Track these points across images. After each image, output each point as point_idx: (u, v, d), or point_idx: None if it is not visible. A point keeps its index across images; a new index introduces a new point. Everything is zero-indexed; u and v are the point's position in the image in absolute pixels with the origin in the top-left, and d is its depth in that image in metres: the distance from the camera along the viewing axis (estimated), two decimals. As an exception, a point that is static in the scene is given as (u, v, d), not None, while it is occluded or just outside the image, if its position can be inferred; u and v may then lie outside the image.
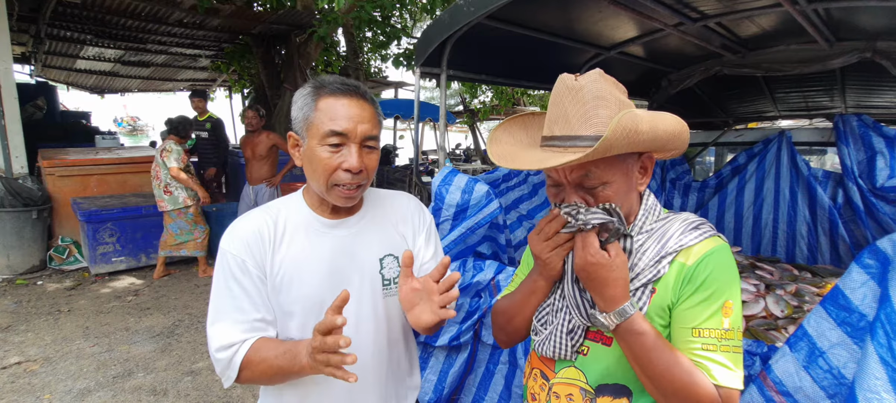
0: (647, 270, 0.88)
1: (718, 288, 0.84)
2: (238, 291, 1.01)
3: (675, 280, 0.87)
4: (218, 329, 1.00)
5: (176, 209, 4.80)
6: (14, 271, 4.89)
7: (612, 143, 0.79)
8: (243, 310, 1.00)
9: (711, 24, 2.44)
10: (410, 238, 1.18)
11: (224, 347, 0.98)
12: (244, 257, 1.01)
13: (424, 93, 15.47)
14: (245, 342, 0.99)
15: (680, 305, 0.86)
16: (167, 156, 4.64)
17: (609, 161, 0.87)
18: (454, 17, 2.12)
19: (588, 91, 0.86)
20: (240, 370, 0.99)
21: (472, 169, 10.83)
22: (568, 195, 0.91)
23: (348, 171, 0.99)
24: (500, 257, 2.16)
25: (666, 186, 3.62)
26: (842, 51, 2.46)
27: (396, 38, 6.96)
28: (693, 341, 0.84)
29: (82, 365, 3.22)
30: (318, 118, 0.99)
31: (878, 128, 2.58)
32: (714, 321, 0.83)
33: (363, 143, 1.01)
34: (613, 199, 0.88)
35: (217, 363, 0.99)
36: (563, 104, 0.89)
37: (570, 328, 0.95)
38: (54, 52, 8.29)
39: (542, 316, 1.02)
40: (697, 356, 0.83)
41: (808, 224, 2.94)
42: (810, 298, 2.12)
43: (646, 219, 0.95)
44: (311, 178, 1.04)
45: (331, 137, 0.98)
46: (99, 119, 13.08)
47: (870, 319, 1.06)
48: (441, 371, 1.94)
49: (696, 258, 0.86)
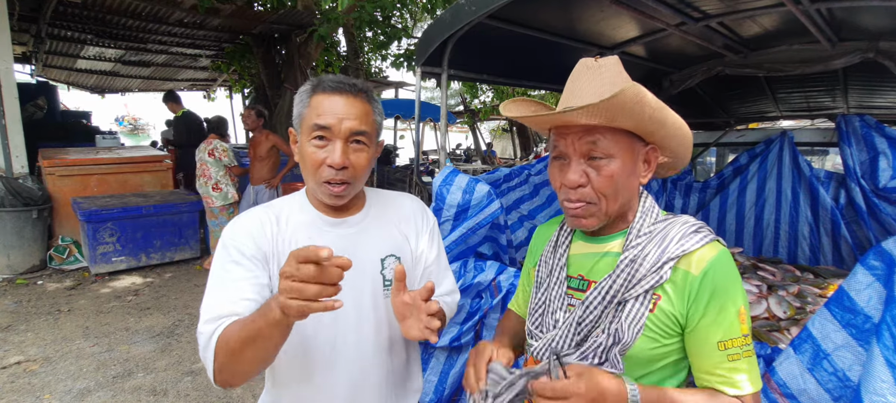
0: (649, 276, 0.87)
1: (730, 297, 0.85)
2: (233, 270, 0.97)
3: (680, 288, 0.87)
4: (205, 306, 0.94)
5: (224, 205, 4.95)
6: (14, 271, 4.89)
7: (624, 100, 0.80)
8: (236, 289, 0.95)
9: (713, 24, 2.43)
10: (413, 239, 1.17)
11: (210, 320, 0.91)
12: (244, 241, 1.00)
13: (425, 94, 15.48)
14: (229, 317, 0.91)
15: (698, 324, 0.86)
16: (224, 154, 4.91)
17: (617, 136, 0.88)
18: (455, 16, 2.11)
19: (606, 70, 0.89)
20: (216, 351, 0.88)
21: (472, 169, 10.82)
22: (572, 169, 0.90)
23: (331, 167, 0.99)
24: (502, 258, 2.15)
25: (667, 187, 3.61)
26: (844, 51, 2.45)
27: (397, 38, 6.96)
28: (719, 354, 0.84)
29: (82, 365, 3.21)
30: (307, 114, 1.01)
31: (880, 128, 2.57)
32: (734, 329, 0.84)
33: (349, 140, 1.00)
34: (617, 177, 0.88)
35: (200, 339, 0.91)
36: (580, 81, 0.91)
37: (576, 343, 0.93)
38: (55, 52, 8.29)
39: (534, 319, 1.01)
40: (725, 369, 0.84)
41: (811, 224, 2.93)
42: (813, 299, 2.11)
43: (643, 221, 0.94)
44: (303, 174, 1.05)
45: (315, 131, 0.99)
46: (99, 119, 13.08)
47: (875, 321, 1.05)
48: (442, 372, 1.93)
49: (701, 267, 0.86)
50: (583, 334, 0.91)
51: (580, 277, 0.98)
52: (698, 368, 0.88)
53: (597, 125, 0.87)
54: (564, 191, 0.93)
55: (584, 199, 0.90)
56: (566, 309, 0.96)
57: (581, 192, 0.90)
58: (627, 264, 0.89)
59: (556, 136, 0.93)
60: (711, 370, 0.85)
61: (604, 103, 0.80)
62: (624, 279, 0.88)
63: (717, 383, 0.85)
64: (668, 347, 0.88)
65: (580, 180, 0.89)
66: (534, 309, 1.02)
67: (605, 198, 0.90)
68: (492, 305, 1.82)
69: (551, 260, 1.03)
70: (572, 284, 0.99)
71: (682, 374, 0.93)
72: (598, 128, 0.87)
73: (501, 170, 2.72)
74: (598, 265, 0.96)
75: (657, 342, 0.88)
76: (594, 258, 0.97)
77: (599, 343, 0.89)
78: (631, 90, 0.79)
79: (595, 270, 0.96)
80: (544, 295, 1.01)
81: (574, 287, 0.98)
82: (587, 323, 0.91)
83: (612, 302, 0.89)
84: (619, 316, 0.89)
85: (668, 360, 0.90)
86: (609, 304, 0.89)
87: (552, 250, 1.05)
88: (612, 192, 0.89)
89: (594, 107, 0.81)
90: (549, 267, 1.03)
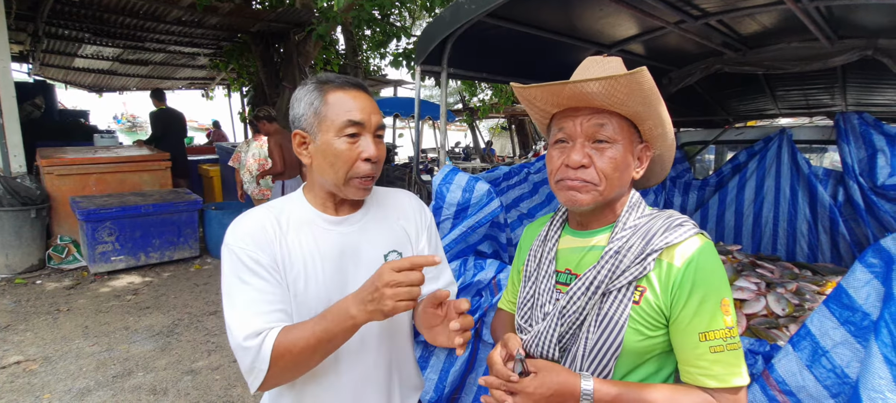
0: (633, 267, 0.89)
1: (711, 288, 0.86)
2: (254, 281, 0.96)
3: (664, 281, 0.88)
4: (240, 320, 0.93)
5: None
6: (13, 270, 4.88)
7: (643, 79, 0.83)
8: (262, 301, 0.95)
9: (712, 22, 2.44)
10: (413, 236, 1.18)
11: (252, 335, 0.91)
12: (252, 248, 0.98)
13: (423, 92, 15.44)
14: (271, 329, 0.93)
15: (680, 315, 0.87)
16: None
17: (621, 124, 0.91)
18: (455, 14, 2.11)
19: (614, 63, 0.93)
20: (271, 361, 0.90)
21: (471, 167, 10.82)
22: (576, 150, 0.92)
23: (368, 161, 1.01)
24: (501, 256, 2.16)
25: (666, 185, 3.61)
26: (843, 49, 2.45)
27: (396, 37, 6.94)
28: (700, 346, 0.85)
29: (82, 365, 3.21)
30: (331, 111, 1.00)
31: (878, 126, 2.57)
32: (717, 321, 0.85)
33: (375, 133, 1.04)
34: (619, 162, 0.91)
35: (245, 353, 0.91)
36: (589, 71, 0.94)
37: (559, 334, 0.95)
38: (52, 51, 8.26)
39: (523, 313, 1.03)
40: (707, 361, 0.84)
41: (809, 222, 2.94)
42: (811, 296, 2.11)
43: (630, 215, 0.96)
44: (325, 173, 1.03)
45: (349, 127, 1.00)
46: (97, 117, 13.04)
47: (873, 318, 1.05)
48: (442, 369, 1.94)
49: (684, 260, 0.87)
50: (566, 325, 0.92)
51: (567, 271, 1.00)
52: (682, 361, 0.88)
53: (605, 109, 0.89)
54: (564, 171, 0.94)
55: (584, 178, 0.92)
56: (554, 303, 0.97)
57: (582, 173, 0.92)
58: (611, 255, 0.91)
59: (563, 119, 0.94)
60: (693, 362, 0.86)
61: (625, 77, 0.82)
62: (608, 270, 0.90)
63: (699, 375, 0.85)
64: (655, 340, 0.89)
65: (583, 160, 0.91)
66: (523, 303, 1.04)
67: (606, 179, 0.91)
68: (492, 303, 1.83)
69: (540, 253, 1.05)
70: (560, 278, 1.00)
71: (670, 367, 0.94)
72: (606, 112, 0.90)
73: (501, 168, 2.71)
74: (584, 259, 0.97)
75: (643, 335, 0.89)
76: (581, 252, 0.99)
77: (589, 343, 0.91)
78: (648, 73, 0.83)
79: (582, 264, 0.97)
80: (533, 289, 1.02)
81: (562, 281, 1.00)
82: (571, 313, 0.92)
83: (596, 292, 0.90)
84: (603, 307, 0.90)
85: (656, 353, 0.91)
86: (593, 295, 0.90)
87: (541, 244, 1.06)
88: (614, 175, 0.91)
89: (614, 80, 0.83)
90: (538, 260, 1.04)
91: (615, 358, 0.89)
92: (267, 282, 0.97)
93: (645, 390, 0.86)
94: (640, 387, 0.87)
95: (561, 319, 0.93)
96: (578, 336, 0.92)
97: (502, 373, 0.88)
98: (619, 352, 0.88)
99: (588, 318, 0.91)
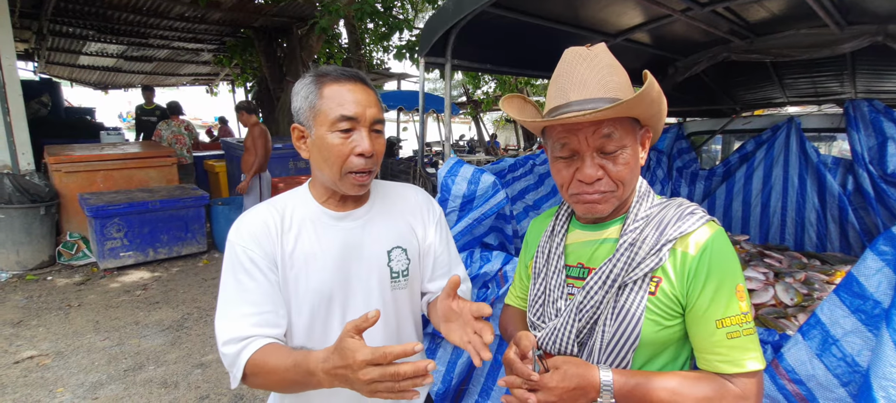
0: (649, 259, 0.88)
1: (726, 275, 0.86)
2: (247, 282, 0.98)
3: (679, 270, 0.88)
4: (226, 322, 0.97)
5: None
6: (24, 267, 4.95)
7: (650, 93, 0.82)
8: (253, 302, 0.97)
9: (719, 9, 2.40)
10: (420, 230, 1.17)
11: (232, 340, 0.95)
12: (253, 248, 0.99)
13: (427, 85, 15.40)
14: (253, 339, 0.95)
15: (696, 303, 0.87)
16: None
17: (625, 125, 0.89)
18: (458, 5, 2.09)
19: (602, 59, 0.90)
20: (245, 375, 0.94)
21: (476, 159, 10.80)
22: (587, 165, 0.89)
23: (361, 156, 0.99)
24: (507, 247, 2.16)
25: (673, 175, 3.59)
26: (852, 35, 2.41)
27: (398, 30, 6.91)
28: (717, 333, 0.85)
29: (94, 359, 3.26)
30: (325, 105, 0.98)
31: (889, 113, 2.53)
32: (733, 307, 0.85)
33: (371, 128, 1.01)
34: (632, 165, 0.90)
35: (224, 357, 0.96)
36: (579, 71, 0.89)
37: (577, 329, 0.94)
38: (57, 49, 8.31)
39: (535, 310, 1.02)
40: (725, 347, 0.84)
41: (818, 211, 2.91)
42: (820, 286, 2.10)
43: (641, 205, 0.95)
44: (321, 168, 1.03)
45: (341, 122, 0.97)
46: (103, 114, 13.10)
47: (885, 306, 1.04)
48: (449, 361, 1.95)
49: (698, 248, 0.87)
50: (584, 320, 0.92)
51: (580, 265, 0.98)
52: (699, 348, 0.88)
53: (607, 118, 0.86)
54: (578, 186, 0.91)
55: (601, 190, 0.90)
56: (566, 298, 0.97)
57: (598, 185, 0.90)
58: (627, 248, 0.90)
59: (564, 134, 0.89)
60: (711, 349, 0.86)
61: (635, 99, 0.81)
62: (624, 262, 0.89)
63: (717, 361, 0.85)
64: (672, 329, 0.89)
65: (598, 174, 0.89)
66: (534, 300, 1.03)
67: (623, 185, 0.91)
68: (498, 295, 1.83)
69: (548, 249, 1.04)
70: (572, 273, 0.99)
71: (686, 353, 0.94)
72: (609, 121, 0.87)
73: (506, 160, 2.71)
74: (597, 252, 0.97)
75: (660, 325, 0.88)
76: (593, 245, 0.98)
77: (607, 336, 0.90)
78: (654, 83, 0.81)
79: (595, 257, 0.96)
80: (543, 285, 1.02)
81: (574, 275, 0.99)
82: (588, 308, 0.91)
83: (613, 286, 0.90)
84: (620, 300, 0.89)
85: (672, 342, 0.91)
86: (610, 288, 0.90)
87: (549, 239, 1.05)
88: (630, 177, 0.91)
89: (625, 105, 0.81)
90: (546, 256, 1.03)
91: (633, 350, 0.89)
92: (260, 284, 0.99)
93: (662, 378, 0.86)
94: (657, 376, 0.87)
95: (578, 314, 0.92)
96: (595, 330, 0.92)
97: (523, 372, 0.88)
98: (637, 344, 0.88)
99: (604, 312, 0.91)
